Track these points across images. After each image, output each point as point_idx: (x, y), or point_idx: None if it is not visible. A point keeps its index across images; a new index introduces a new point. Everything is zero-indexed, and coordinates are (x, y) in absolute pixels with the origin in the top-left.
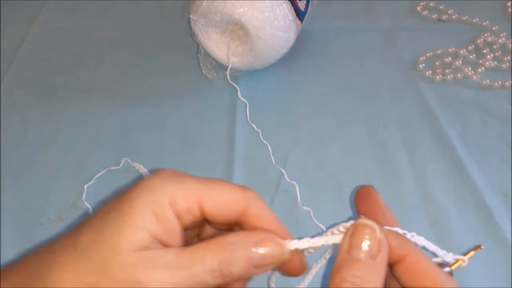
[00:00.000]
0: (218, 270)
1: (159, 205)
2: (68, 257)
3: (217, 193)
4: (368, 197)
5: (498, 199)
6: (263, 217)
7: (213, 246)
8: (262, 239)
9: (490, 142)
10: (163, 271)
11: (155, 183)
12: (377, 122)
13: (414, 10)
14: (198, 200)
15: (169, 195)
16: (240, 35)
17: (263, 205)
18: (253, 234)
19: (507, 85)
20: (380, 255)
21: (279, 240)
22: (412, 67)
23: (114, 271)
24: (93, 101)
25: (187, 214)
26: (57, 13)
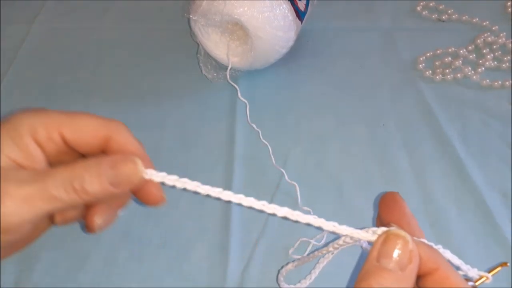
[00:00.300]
0: (69, 183)
1: (18, 133)
2: None
3: (77, 121)
4: (393, 203)
5: (498, 199)
6: (127, 146)
7: (68, 165)
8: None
9: (490, 142)
10: (14, 184)
11: (16, 116)
12: (377, 122)
13: (414, 10)
14: (58, 129)
15: (29, 125)
16: (240, 35)
17: (128, 135)
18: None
19: (507, 85)
20: (410, 266)
21: (134, 158)
22: (412, 67)
23: None
24: (93, 101)
25: (49, 143)
26: (57, 13)
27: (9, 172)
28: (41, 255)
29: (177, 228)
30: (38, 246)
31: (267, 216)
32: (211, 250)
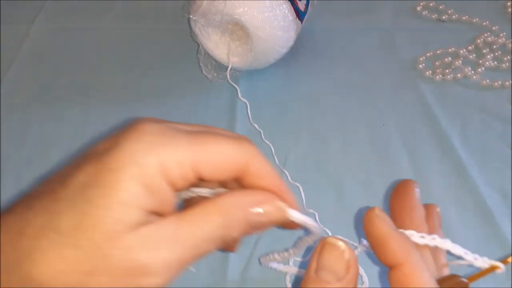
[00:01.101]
0: (219, 237)
1: (149, 177)
2: (51, 243)
3: (212, 154)
4: (402, 192)
5: (498, 199)
6: (262, 176)
7: (211, 213)
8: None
9: (490, 142)
10: (164, 248)
11: (138, 148)
12: (377, 122)
13: (414, 10)
14: (193, 165)
15: (159, 163)
16: (240, 35)
17: (263, 162)
18: (251, 194)
19: (507, 85)
20: (347, 277)
21: (278, 203)
22: (412, 67)
23: (111, 257)
24: (93, 101)
25: (182, 181)
26: (57, 13)
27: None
28: None
29: None
30: None
31: None
32: None
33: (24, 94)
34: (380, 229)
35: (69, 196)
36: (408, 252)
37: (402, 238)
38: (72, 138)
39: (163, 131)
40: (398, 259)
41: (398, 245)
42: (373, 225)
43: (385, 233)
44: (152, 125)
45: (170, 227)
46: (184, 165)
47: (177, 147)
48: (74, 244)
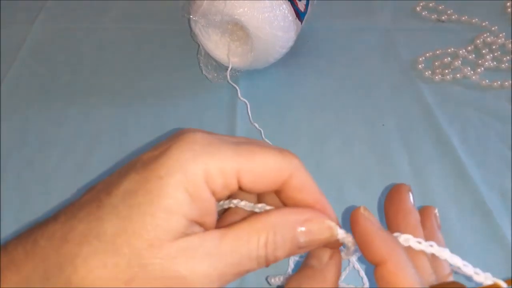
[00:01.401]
0: (263, 256)
1: (194, 184)
2: (93, 249)
3: (257, 165)
4: (396, 196)
5: (498, 199)
6: (304, 189)
7: (257, 230)
8: (309, 219)
9: (490, 142)
10: (206, 261)
11: (186, 157)
12: (376, 122)
13: (413, 10)
14: (237, 174)
15: (204, 171)
16: (240, 35)
17: (306, 175)
18: (299, 212)
19: (506, 85)
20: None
21: (328, 221)
22: (411, 67)
23: (151, 266)
24: (93, 101)
25: (224, 191)
26: (57, 13)
27: (192, 242)
28: None
29: None
30: None
31: None
32: None
33: (24, 94)
34: (365, 227)
35: (113, 203)
36: (392, 250)
37: (387, 236)
38: (72, 138)
39: (210, 141)
40: (382, 256)
41: (382, 243)
42: (358, 223)
43: (370, 230)
44: (200, 134)
45: (214, 241)
46: (228, 174)
47: (223, 156)
48: (115, 251)
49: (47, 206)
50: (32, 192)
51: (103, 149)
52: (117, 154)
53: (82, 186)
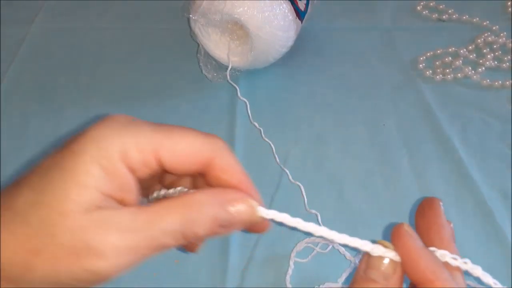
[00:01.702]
0: (180, 231)
1: (108, 160)
2: (4, 220)
3: (175, 142)
4: (428, 210)
5: (498, 199)
6: (228, 171)
7: (176, 206)
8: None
9: (490, 142)
10: (117, 233)
11: (102, 134)
12: (377, 122)
13: (414, 10)
14: (154, 151)
15: (120, 147)
16: (240, 34)
17: (230, 156)
18: (222, 193)
19: (507, 84)
20: (394, 277)
21: (251, 201)
22: (412, 67)
23: (60, 235)
24: (92, 100)
25: (143, 168)
26: (57, 13)
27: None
28: None
29: None
30: None
31: None
32: (211, 250)
33: (24, 94)
34: (411, 245)
35: (31, 178)
36: (438, 269)
37: (431, 255)
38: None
39: (129, 121)
40: (429, 276)
41: (429, 262)
42: (403, 241)
43: (415, 249)
44: (122, 116)
45: (129, 215)
46: (145, 151)
47: (141, 133)
48: (24, 221)
49: None
50: None
51: None
52: None
53: None
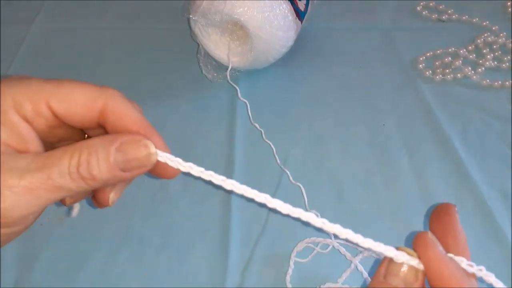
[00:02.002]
0: (75, 172)
1: (3, 111)
2: None
3: (66, 92)
4: (444, 216)
5: (498, 199)
6: (125, 117)
7: (71, 149)
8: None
9: (490, 142)
10: (14, 174)
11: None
12: (377, 122)
13: (414, 10)
14: (46, 100)
15: (12, 99)
16: (240, 35)
17: (125, 104)
18: (116, 135)
19: (507, 85)
20: (415, 284)
21: (145, 141)
22: (412, 67)
23: None
24: None
25: (38, 118)
26: (57, 13)
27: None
28: (41, 255)
29: (177, 228)
30: (38, 246)
31: (267, 216)
32: (211, 250)
33: None
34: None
35: None
36: (463, 280)
37: (455, 264)
38: None
39: (23, 77)
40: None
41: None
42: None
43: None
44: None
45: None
46: (36, 100)
47: (31, 86)
48: None
49: None
50: None
51: None
52: None
53: None
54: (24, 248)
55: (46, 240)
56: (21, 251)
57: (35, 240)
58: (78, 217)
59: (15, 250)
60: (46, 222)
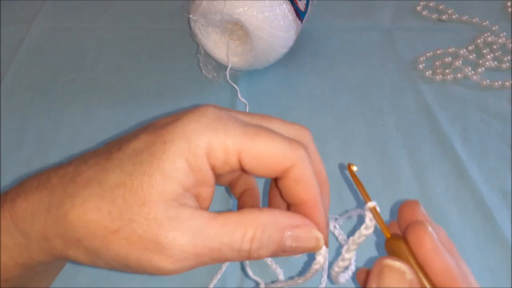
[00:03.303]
0: (246, 250)
1: (194, 155)
2: (93, 194)
3: (260, 147)
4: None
5: (498, 199)
6: (303, 183)
7: (246, 223)
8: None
9: (490, 142)
10: (187, 236)
11: (192, 128)
12: (377, 122)
13: (414, 10)
14: (238, 154)
15: (207, 144)
16: (240, 35)
17: (308, 169)
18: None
19: (507, 85)
20: None
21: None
22: (412, 67)
23: (137, 224)
24: (92, 101)
25: (224, 166)
26: (57, 12)
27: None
28: None
29: None
30: None
31: None
32: None
33: (23, 94)
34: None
35: (121, 157)
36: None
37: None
38: (70, 138)
39: (219, 116)
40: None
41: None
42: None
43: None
44: (212, 109)
45: (202, 219)
46: (230, 152)
47: (228, 133)
48: (112, 200)
49: None
50: None
51: None
52: None
53: None
54: None
55: None
56: None
57: None
58: None
59: None
60: None
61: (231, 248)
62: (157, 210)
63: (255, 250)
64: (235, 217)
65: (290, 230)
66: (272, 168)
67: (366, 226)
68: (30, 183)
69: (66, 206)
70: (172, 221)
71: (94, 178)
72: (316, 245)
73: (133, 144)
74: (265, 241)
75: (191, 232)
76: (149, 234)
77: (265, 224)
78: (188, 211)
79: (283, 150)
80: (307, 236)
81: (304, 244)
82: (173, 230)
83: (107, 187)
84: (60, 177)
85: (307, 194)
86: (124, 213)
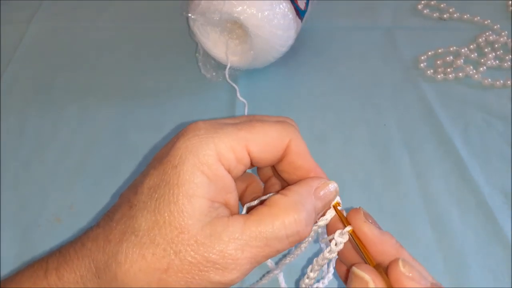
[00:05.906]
0: (296, 233)
1: (208, 165)
2: (131, 245)
3: (260, 135)
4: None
5: (500, 199)
6: (302, 154)
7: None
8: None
9: (492, 141)
10: (232, 245)
11: (194, 142)
12: (378, 121)
13: (415, 9)
14: (246, 146)
15: (215, 150)
16: (239, 34)
17: (302, 141)
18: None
19: (508, 84)
20: None
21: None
22: (413, 66)
23: (184, 252)
24: (91, 101)
25: (239, 165)
26: (55, 12)
27: (218, 227)
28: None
29: None
30: (37, 247)
31: None
32: None
33: (22, 93)
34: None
35: (141, 200)
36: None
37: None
38: (70, 137)
39: (213, 125)
40: None
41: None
42: None
43: None
44: (201, 122)
45: (237, 225)
46: (237, 148)
47: (228, 134)
48: (151, 242)
49: (44, 205)
50: (30, 192)
51: (101, 149)
52: (115, 154)
53: (81, 185)
54: (24, 248)
55: (44, 240)
56: (20, 251)
57: (34, 241)
58: (76, 217)
59: (14, 250)
60: (44, 223)
61: (278, 239)
62: (194, 233)
63: (303, 228)
64: (265, 211)
65: (316, 193)
66: (276, 149)
67: (330, 250)
68: (68, 252)
69: (112, 267)
70: (212, 238)
71: (126, 230)
72: (336, 193)
73: (146, 183)
74: (306, 215)
75: (233, 241)
76: (198, 257)
77: (297, 203)
78: (221, 222)
79: (278, 130)
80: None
81: (329, 198)
82: (216, 245)
83: (142, 233)
84: (94, 240)
85: (310, 163)
86: (168, 248)
